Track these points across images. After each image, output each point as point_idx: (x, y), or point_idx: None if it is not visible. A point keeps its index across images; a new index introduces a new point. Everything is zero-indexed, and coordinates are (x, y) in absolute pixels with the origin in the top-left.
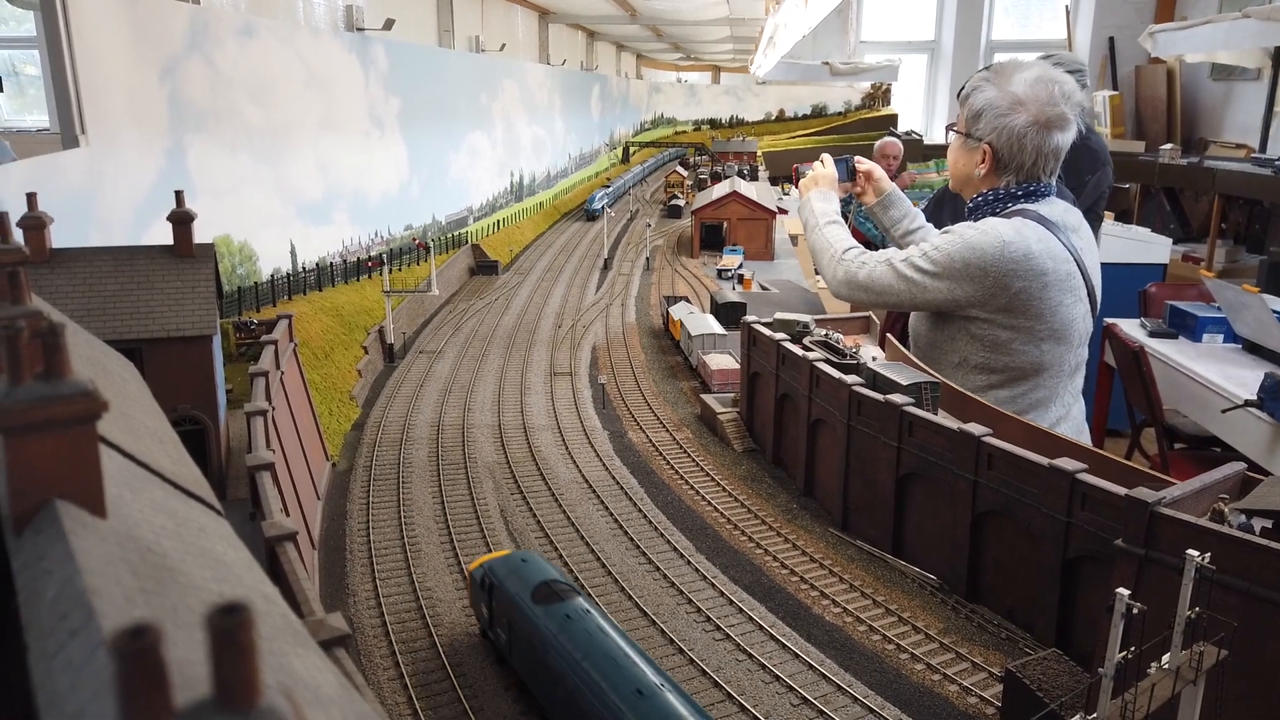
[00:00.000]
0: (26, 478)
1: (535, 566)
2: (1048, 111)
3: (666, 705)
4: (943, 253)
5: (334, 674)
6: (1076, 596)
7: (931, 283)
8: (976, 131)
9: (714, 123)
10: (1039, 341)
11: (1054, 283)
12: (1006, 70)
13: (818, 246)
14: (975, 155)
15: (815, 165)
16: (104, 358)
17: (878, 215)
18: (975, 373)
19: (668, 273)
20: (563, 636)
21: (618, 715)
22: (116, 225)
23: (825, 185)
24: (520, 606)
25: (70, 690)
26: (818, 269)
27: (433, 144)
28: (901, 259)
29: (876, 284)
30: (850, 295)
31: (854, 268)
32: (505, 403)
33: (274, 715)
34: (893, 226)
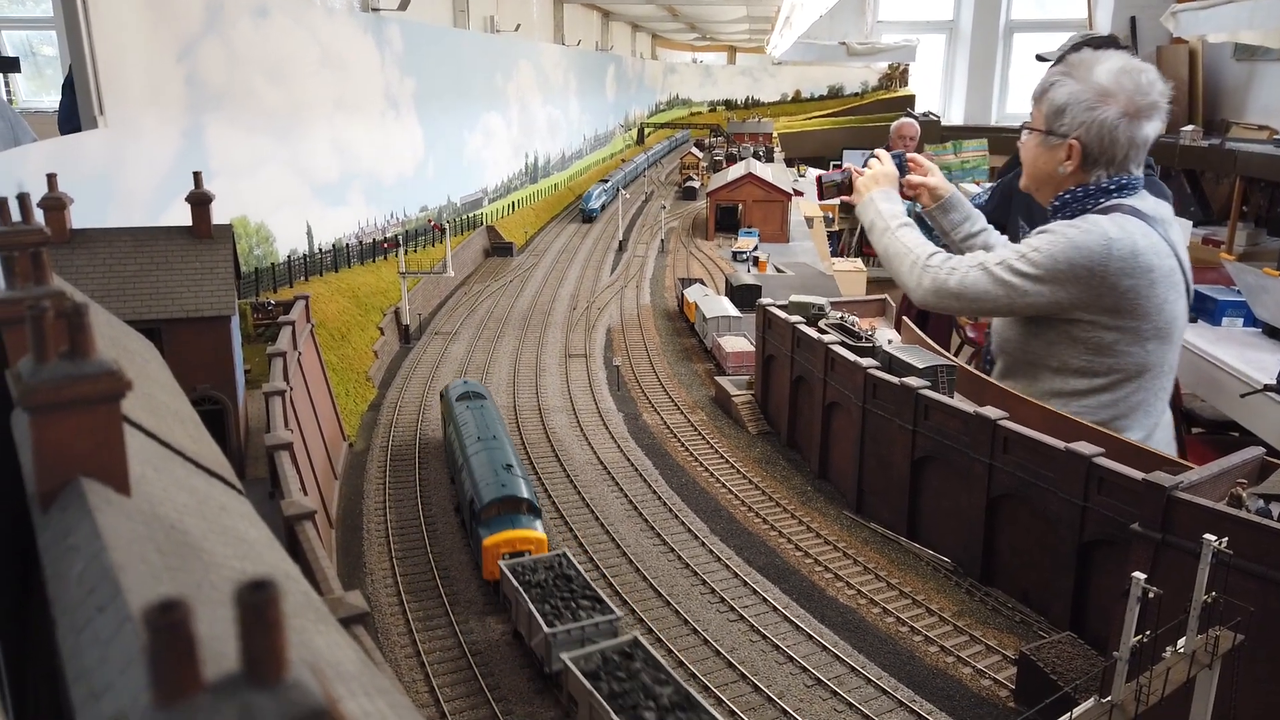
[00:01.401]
0: (52, 456)
1: (472, 386)
2: (1138, 101)
3: (522, 479)
4: (1044, 254)
5: (354, 650)
6: (1092, 580)
7: (1033, 286)
8: (1060, 128)
9: (729, 104)
10: (1144, 341)
11: (1160, 279)
12: (1085, 63)
13: (894, 252)
14: (1058, 152)
15: (871, 163)
16: (125, 338)
17: (936, 218)
18: (1076, 377)
19: (683, 255)
20: (468, 422)
21: (492, 476)
22: (136, 205)
23: (887, 184)
24: (453, 405)
25: (99, 664)
26: (895, 275)
27: (448, 125)
28: (996, 262)
29: (970, 291)
30: (939, 304)
31: (943, 275)
32: (520, 384)
33: (301, 689)
34: (953, 230)
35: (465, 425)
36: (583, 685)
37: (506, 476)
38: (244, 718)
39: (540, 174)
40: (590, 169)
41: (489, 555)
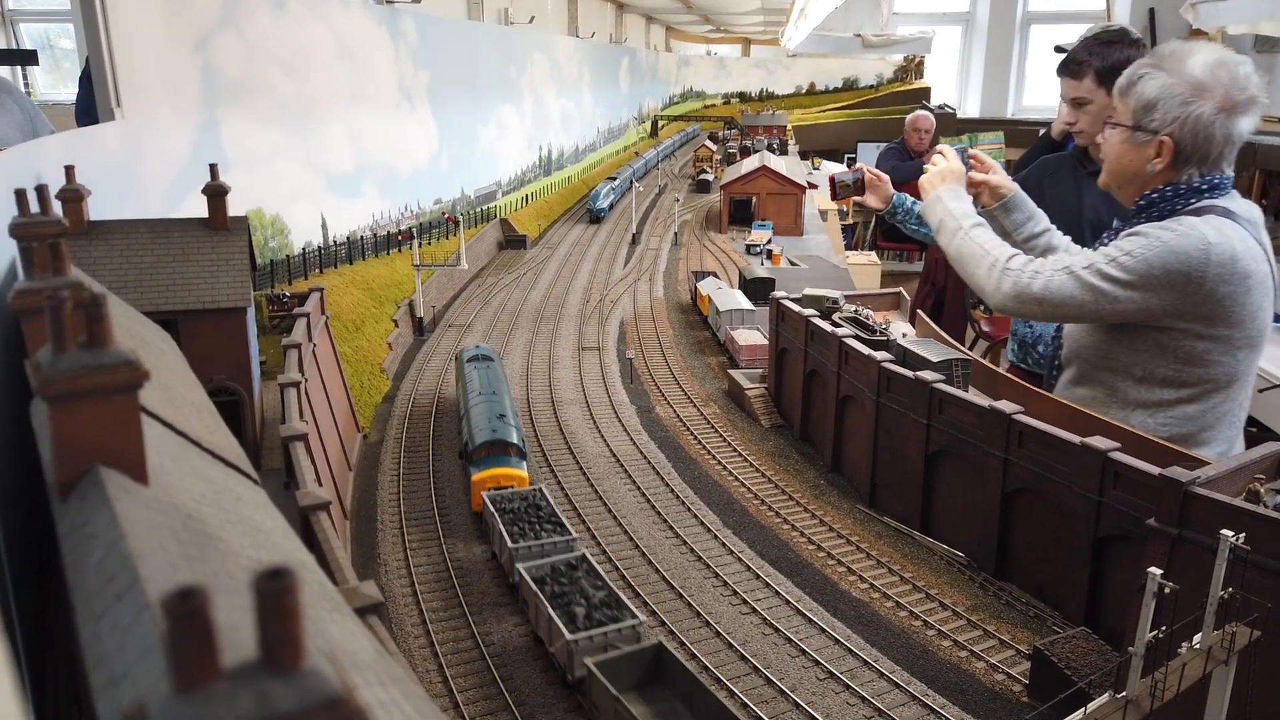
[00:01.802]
0: (71, 445)
1: (483, 350)
2: (1235, 96)
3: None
4: (1137, 258)
5: (369, 640)
6: (1107, 576)
7: (1123, 293)
8: (1150, 123)
9: (744, 96)
10: (1235, 350)
11: (1255, 285)
12: (1177, 54)
13: (968, 254)
14: (1147, 149)
15: (935, 159)
16: (142, 328)
17: (999, 218)
18: (1162, 387)
19: (696, 248)
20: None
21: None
22: (152, 197)
23: (954, 180)
24: (464, 365)
25: (118, 651)
26: (969, 279)
27: (462, 117)
28: (1084, 266)
29: (1055, 296)
30: (1020, 310)
31: (1025, 279)
32: (533, 377)
33: (318, 677)
34: (1015, 230)
35: (471, 382)
36: (531, 588)
37: (499, 424)
38: (261, 705)
39: (554, 167)
40: (604, 161)
41: (476, 489)
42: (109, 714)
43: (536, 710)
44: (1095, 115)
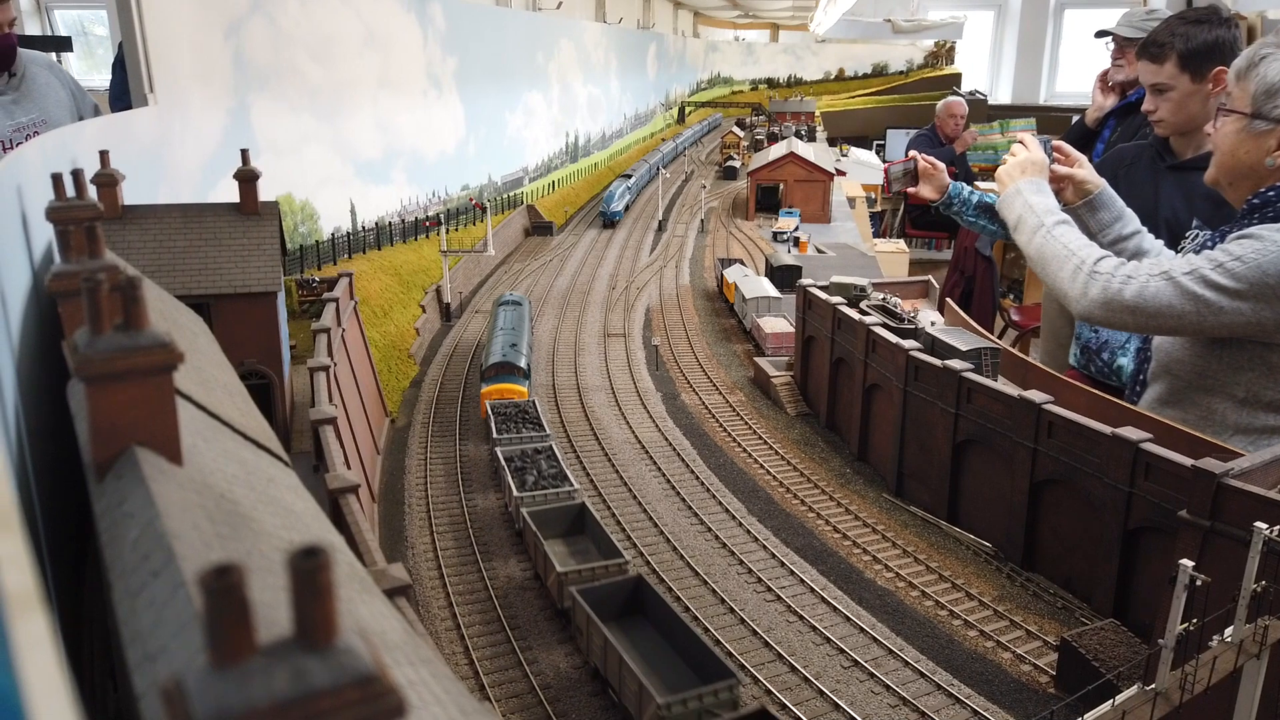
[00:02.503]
0: (107, 425)
1: (515, 296)
2: None
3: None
4: (1250, 264)
5: (398, 620)
6: (1136, 568)
7: (1231, 303)
8: (1273, 110)
9: (771, 82)
10: None
11: None
12: None
13: (1050, 254)
14: (1267, 140)
15: (1016, 148)
16: (175, 312)
17: (1083, 217)
18: (1268, 412)
19: (722, 235)
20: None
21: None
22: (184, 182)
23: (1035, 173)
24: (497, 306)
25: (154, 627)
26: (1050, 282)
27: (489, 104)
28: (1185, 271)
29: (1150, 304)
30: (1108, 319)
31: (1116, 284)
32: (559, 363)
33: (352, 654)
34: (1101, 231)
35: (499, 319)
36: (502, 464)
37: (510, 351)
38: (296, 681)
39: (580, 153)
40: (631, 148)
41: (483, 400)
42: (146, 688)
43: (561, 694)
44: (1178, 103)
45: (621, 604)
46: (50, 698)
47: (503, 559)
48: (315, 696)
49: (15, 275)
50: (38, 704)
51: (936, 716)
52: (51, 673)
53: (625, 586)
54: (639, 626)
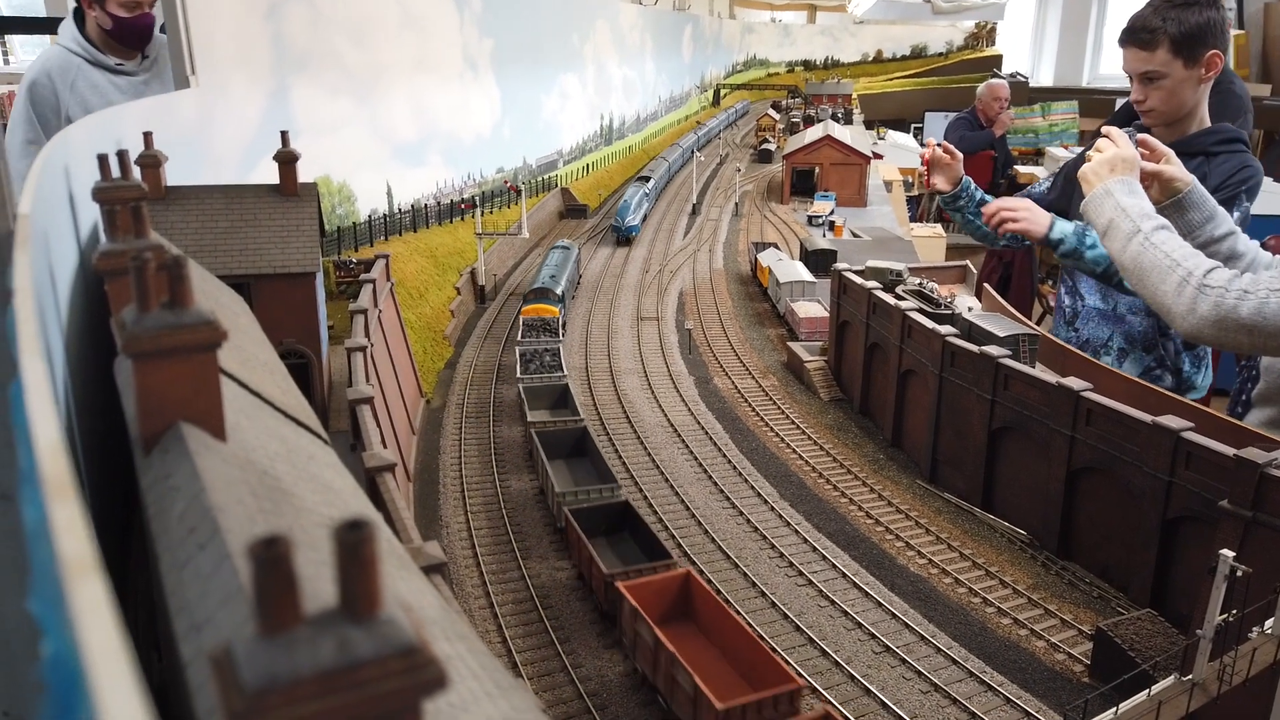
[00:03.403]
0: (154, 401)
1: (565, 243)
2: None
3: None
4: None
5: (435, 596)
6: (1175, 557)
7: None
8: None
9: (808, 64)
10: None
11: None
12: None
13: (1150, 264)
14: None
15: (1102, 143)
16: (217, 291)
17: (1171, 218)
18: None
19: (756, 218)
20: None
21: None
22: (225, 163)
23: (1125, 171)
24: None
25: (200, 598)
26: (1148, 294)
27: (525, 86)
28: None
29: (1271, 323)
30: (1218, 338)
31: (1231, 300)
32: (592, 346)
33: (395, 626)
34: (1190, 234)
35: (549, 258)
36: (517, 357)
37: (549, 280)
38: (342, 650)
39: (615, 136)
40: (665, 130)
41: (521, 317)
42: (193, 656)
43: (593, 675)
44: (1171, 90)
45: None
46: (108, 659)
47: (536, 539)
48: (359, 666)
49: (63, 253)
50: (96, 665)
51: (968, 703)
52: (109, 635)
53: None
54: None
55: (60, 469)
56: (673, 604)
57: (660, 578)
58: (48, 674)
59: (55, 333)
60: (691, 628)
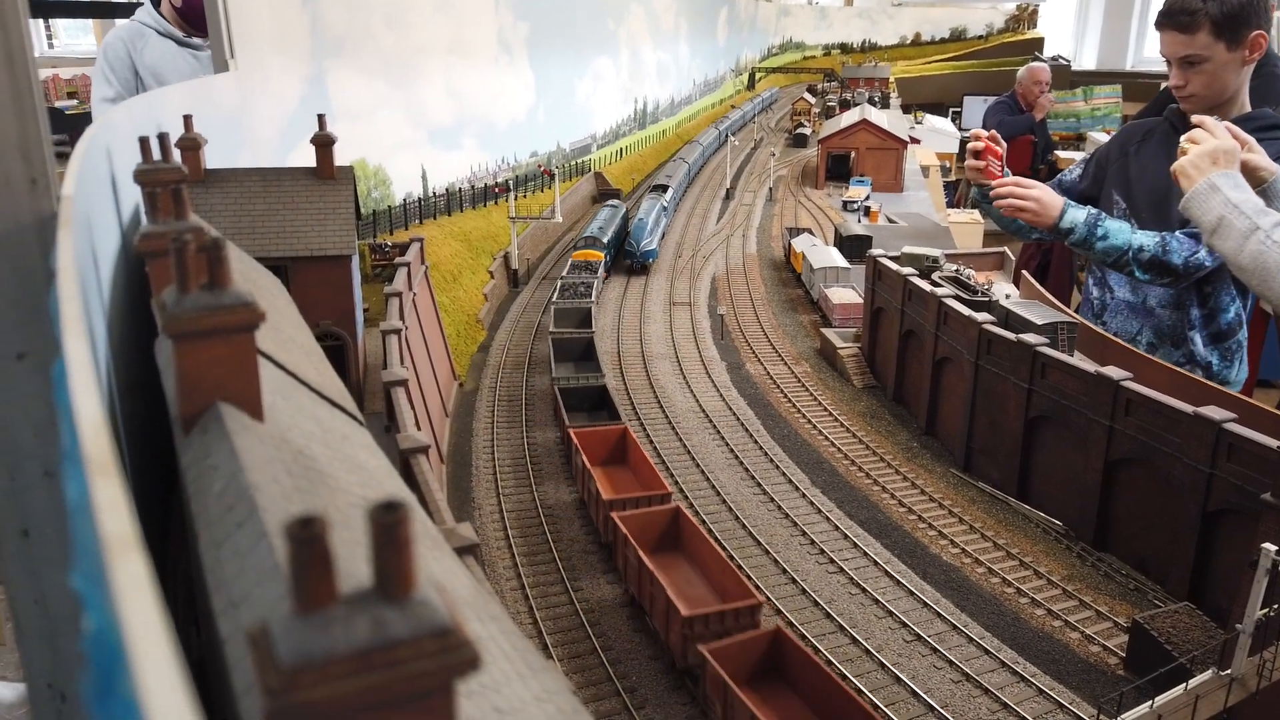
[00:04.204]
0: (193, 381)
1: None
2: None
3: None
4: None
5: (468, 578)
6: (1215, 550)
7: None
8: None
9: (845, 47)
10: None
11: None
12: None
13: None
14: None
15: (1195, 134)
16: (255, 273)
17: None
18: None
19: (791, 203)
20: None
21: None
22: (263, 146)
23: (1228, 164)
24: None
25: (238, 575)
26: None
27: (559, 70)
28: None
29: None
30: None
31: None
32: (624, 330)
33: (429, 607)
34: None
35: (599, 214)
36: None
37: (598, 231)
38: (376, 630)
39: (649, 120)
40: (699, 115)
41: (573, 258)
42: (231, 633)
43: (623, 656)
44: (1213, 75)
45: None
46: (149, 636)
47: (568, 522)
48: (394, 646)
49: (105, 234)
50: (137, 641)
51: (1000, 693)
52: (150, 612)
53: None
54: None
55: (103, 448)
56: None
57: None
58: (89, 648)
59: (98, 313)
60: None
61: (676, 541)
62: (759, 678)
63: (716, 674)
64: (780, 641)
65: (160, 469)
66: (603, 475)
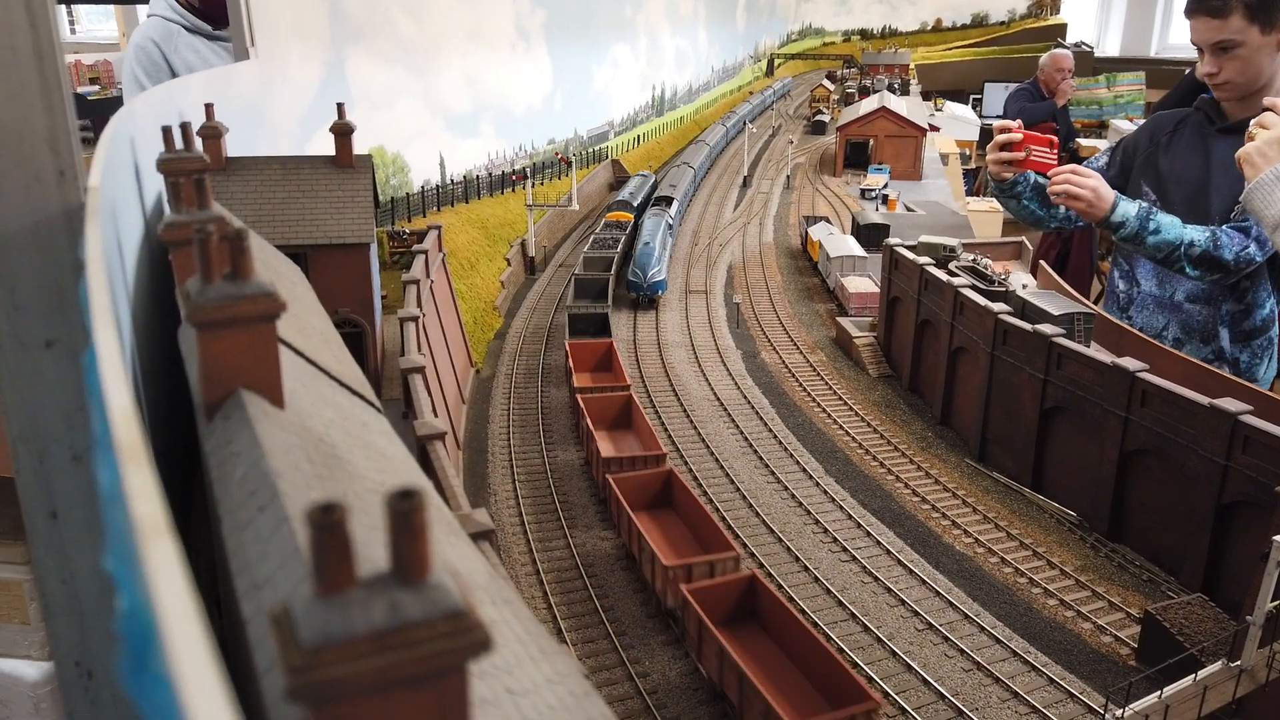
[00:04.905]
0: (216, 369)
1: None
2: None
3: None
4: None
5: (482, 562)
6: (1230, 543)
7: None
8: None
9: (865, 33)
10: None
11: None
12: None
13: None
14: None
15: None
16: (276, 261)
17: None
18: None
19: (808, 191)
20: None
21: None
22: (283, 134)
23: None
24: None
25: (260, 559)
26: None
27: (576, 57)
28: None
29: None
30: None
31: None
32: (640, 319)
33: (443, 590)
34: None
35: (630, 182)
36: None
37: (629, 195)
38: (392, 613)
39: (666, 107)
40: (717, 101)
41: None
42: (253, 614)
43: (635, 642)
44: (1247, 60)
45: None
46: (180, 615)
47: (582, 508)
48: (410, 627)
49: (130, 223)
50: (168, 618)
51: (1011, 682)
52: (181, 592)
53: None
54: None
55: (133, 435)
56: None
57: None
58: (122, 627)
59: (123, 302)
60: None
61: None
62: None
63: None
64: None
65: (183, 454)
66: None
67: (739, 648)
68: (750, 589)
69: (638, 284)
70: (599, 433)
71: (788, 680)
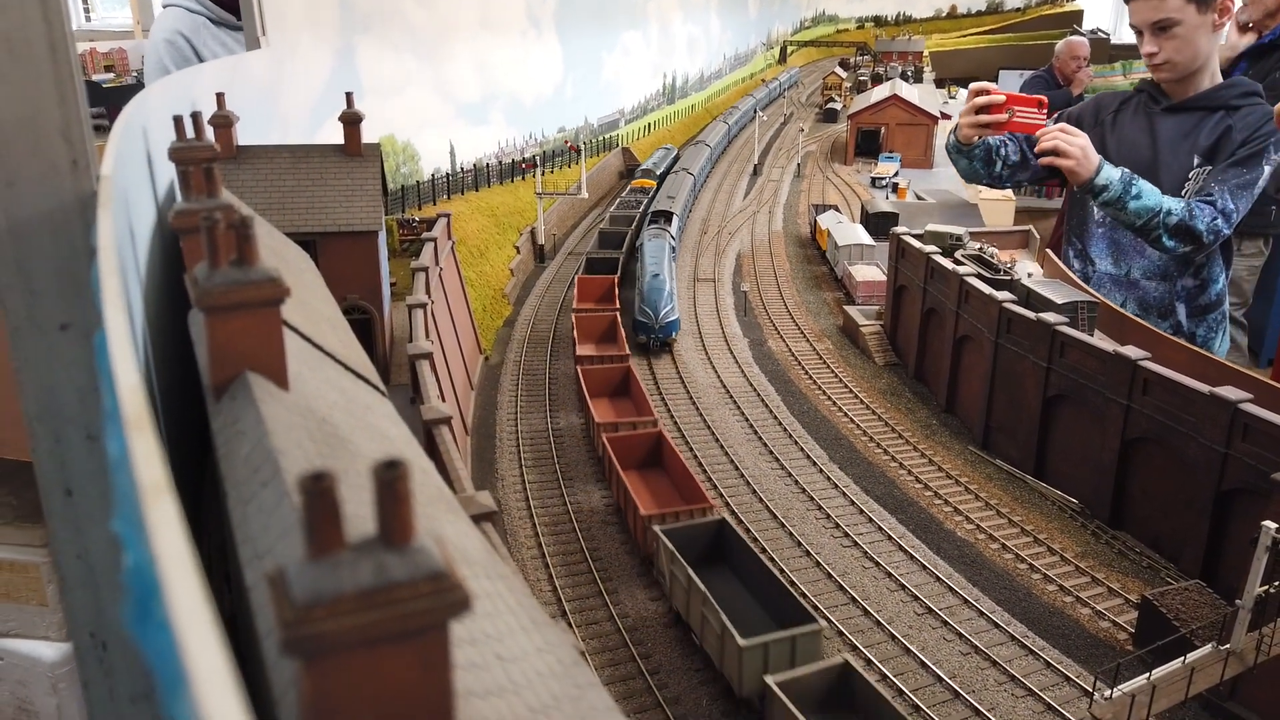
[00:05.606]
0: (223, 352)
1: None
2: None
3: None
4: None
5: (481, 541)
6: (1228, 529)
7: None
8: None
9: (878, 20)
10: None
11: None
12: None
13: None
14: None
15: None
16: (284, 248)
17: None
18: None
19: (818, 180)
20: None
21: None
22: (293, 123)
23: None
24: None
25: (262, 531)
26: None
27: (587, 44)
28: None
29: None
30: None
31: None
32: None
33: (425, 553)
34: None
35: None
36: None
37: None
38: (378, 573)
39: (678, 95)
40: (729, 89)
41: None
42: (256, 581)
43: (638, 624)
44: (1184, 40)
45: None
46: (178, 567)
47: (586, 494)
48: (394, 587)
49: (142, 211)
50: (169, 573)
51: (1008, 666)
52: (180, 547)
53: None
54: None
55: (139, 407)
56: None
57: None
58: (128, 580)
59: (135, 287)
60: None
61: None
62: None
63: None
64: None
65: (196, 436)
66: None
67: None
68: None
69: (647, 325)
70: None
71: None
